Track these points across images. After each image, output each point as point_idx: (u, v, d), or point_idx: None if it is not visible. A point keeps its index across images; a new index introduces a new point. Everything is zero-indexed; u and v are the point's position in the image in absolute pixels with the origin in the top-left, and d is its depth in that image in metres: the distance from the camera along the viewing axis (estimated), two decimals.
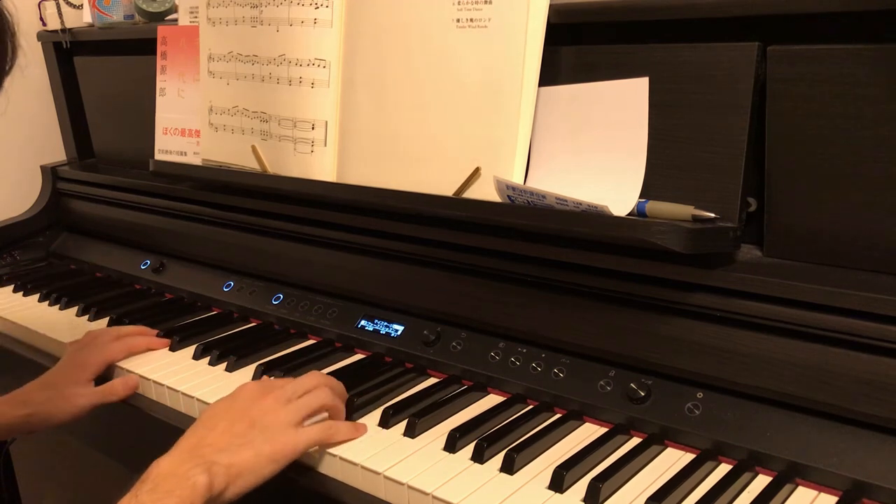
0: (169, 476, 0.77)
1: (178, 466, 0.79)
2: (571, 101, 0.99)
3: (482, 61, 1.02)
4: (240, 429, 0.85)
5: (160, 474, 0.78)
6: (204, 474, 0.77)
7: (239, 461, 0.81)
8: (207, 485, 0.77)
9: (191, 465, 0.78)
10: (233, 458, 0.81)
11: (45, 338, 1.28)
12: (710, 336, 0.86)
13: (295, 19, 1.19)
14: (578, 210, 0.90)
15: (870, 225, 0.83)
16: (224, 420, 0.86)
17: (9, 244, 1.65)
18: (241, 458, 0.82)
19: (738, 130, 0.88)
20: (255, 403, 0.88)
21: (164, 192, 1.46)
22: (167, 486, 0.76)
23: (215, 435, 0.84)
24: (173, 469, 0.78)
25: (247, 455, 0.82)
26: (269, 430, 0.85)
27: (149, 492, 0.76)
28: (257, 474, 0.82)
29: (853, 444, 0.78)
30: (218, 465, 0.79)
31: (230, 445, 0.83)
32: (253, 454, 0.82)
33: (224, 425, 0.85)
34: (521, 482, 0.82)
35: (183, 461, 0.80)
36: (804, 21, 0.83)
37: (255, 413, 0.86)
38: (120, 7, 1.58)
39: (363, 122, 1.15)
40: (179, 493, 0.76)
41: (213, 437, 0.84)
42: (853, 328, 0.78)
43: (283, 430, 0.85)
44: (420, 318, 1.10)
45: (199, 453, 0.81)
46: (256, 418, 0.86)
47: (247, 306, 1.28)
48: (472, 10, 1.02)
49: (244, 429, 0.85)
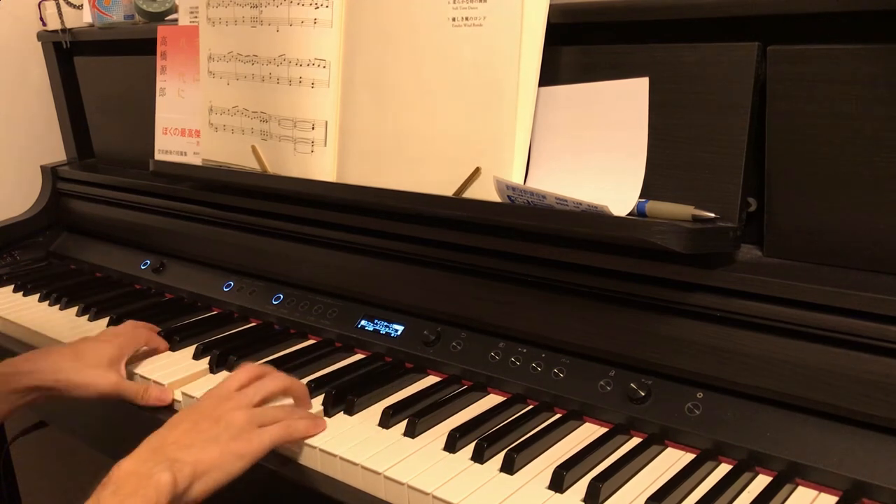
0: (131, 476, 0.76)
1: (139, 466, 0.77)
2: (571, 101, 0.99)
3: (478, 60, 1.02)
4: (204, 426, 0.84)
5: (121, 476, 0.76)
6: (167, 472, 0.76)
7: (206, 457, 0.80)
8: (171, 482, 0.75)
9: (153, 464, 0.77)
10: (199, 454, 0.80)
11: (44, 338, 1.28)
12: (710, 336, 0.86)
13: (295, 19, 1.19)
14: (578, 210, 0.90)
15: (870, 225, 0.83)
16: (187, 420, 0.85)
17: (9, 244, 1.65)
18: (207, 455, 0.81)
19: (738, 130, 0.88)
20: (219, 404, 0.88)
21: (164, 192, 1.46)
22: (130, 487, 0.75)
23: (178, 433, 0.83)
24: (135, 469, 0.77)
25: (213, 452, 0.81)
26: (235, 428, 0.84)
27: (111, 494, 0.74)
28: (225, 471, 0.81)
29: (853, 444, 0.78)
30: (181, 463, 0.78)
31: (195, 442, 0.82)
32: (219, 451, 0.82)
33: (187, 424, 0.84)
34: (521, 482, 0.82)
35: (145, 460, 0.78)
36: (804, 21, 0.83)
37: (219, 412, 0.86)
38: (120, 7, 1.58)
39: (363, 122, 1.15)
40: (143, 493, 0.74)
41: (176, 435, 0.83)
42: (853, 328, 0.78)
43: (248, 429, 0.85)
44: (420, 318, 1.10)
45: (161, 452, 0.80)
46: (221, 416, 0.85)
47: (247, 306, 1.28)
48: (466, 9, 1.02)
49: (209, 426, 0.84)
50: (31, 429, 1.60)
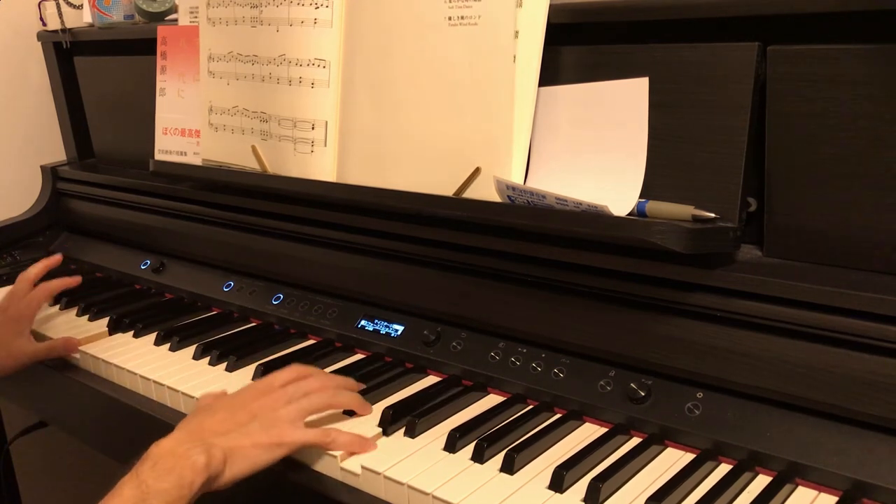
0: (168, 455, 0.80)
1: (177, 446, 0.81)
2: (571, 101, 0.99)
3: (474, 59, 1.02)
4: (240, 418, 0.87)
5: (160, 454, 0.80)
6: (203, 454, 0.80)
7: (237, 446, 0.84)
8: (206, 464, 0.79)
9: (190, 445, 0.81)
10: (231, 442, 0.84)
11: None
12: (710, 336, 0.86)
13: (295, 19, 1.19)
14: (578, 210, 0.90)
15: (870, 225, 0.83)
16: (225, 409, 0.89)
17: (9, 244, 1.65)
18: (238, 444, 0.84)
19: (738, 130, 0.88)
20: (257, 399, 0.90)
21: (164, 192, 1.46)
22: (167, 465, 0.79)
23: (215, 421, 0.87)
24: (173, 449, 0.81)
25: (245, 442, 0.85)
26: (268, 422, 0.87)
27: (149, 469, 0.78)
28: (253, 461, 0.84)
29: (853, 444, 0.78)
30: (216, 448, 0.82)
31: (229, 431, 0.85)
32: (250, 442, 0.85)
33: (224, 414, 0.88)
34: (521, 482, 0.82)
35: (182, 442, 0.82)
36: (804, 21, 0.83)
37: (255, 407, 0.89)
38: (120, 7, 1.58)
39: (363, 122, 1.15)
40: (179, 472, 0.78)
41: (213, 422, 0.86)
42: (853, 328, 0.78)
43: (282, 425, 0.88)
44: (420, 318, 1.10)
45: (198, 436, 0.84)
46: (257, 411, 0.88)
47: (247, 306, 1.28)
48: (461, 8, 1.02)
49: (244, 419, 0.87)
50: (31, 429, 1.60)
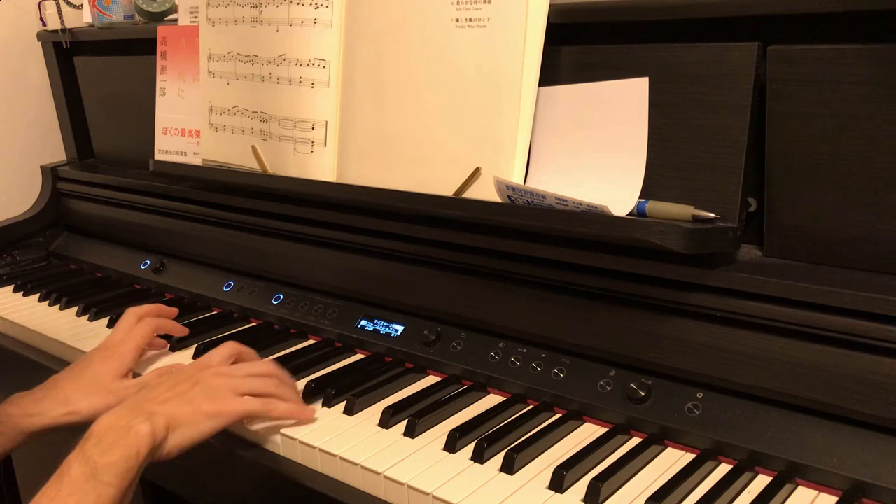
0: (111, 429, 0.80)
1: (119, 419, 0.81)
2: (571, 101, 0.99)
3: (481, 61, 1.02)
4: (182, 388, 0.89)
5: (102, 429, 0.80)
6: (146, 423, 0.80)
7: (179, 413, 0.85)
8: (150, 432, 0.80)
9: (132, 417, 0.81)
10: (172, 409, 0.85)
11: (44, 338, 1.28)
12: (710, 336, 0.86)
13: (295, 19, 1.19)
14: (578, 210, 0.90)
15: (870, 225, 0.83)
16: (167, 382, 0.90)
17: (9, 244, 1.65)
18: (180, 411, 0.85)
19: (738, 130, 0.88)
20: (199, 370, 0.92)
21: (164, 192, 1.46)
22: (111, 438, 0.79)
23: (156, 392, 0.88)
24: (115, 422, 0.81)
25: (186, 409, 0.86)
26: (210, 391, 0.89)
27: (94, 445, 0.78)
28: (197, 427, 0.86)
29: (853, 444, 0.78)
30: (158, 415, 0.83)
31: (170, 400, 0.86)
32: (192, 409, 0.86)
33: (166, 385, 0.89)
34: (521, 482, 0.82)
35: (124, 415, 0.82)
36: (804, 21, 0.83)
37: (198, 377, 0.90)
38: (120, 7, 1.58)
39: (363, 122, 1.15)
40: (124, 443, 0.78)
41: (154, 393, 0.87)
42: (853, 328, 0.78)
43: (224, 393, 0.89)
44: (420, 318, 1.10)
45: (140, 407, 0.84)
46: (199, 380, 0.90)
47: (247, 306, 1.28)
48: (471, 10, 1.02)
49: (186, 388, 0.89)
50: None
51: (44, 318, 1.35)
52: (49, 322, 1.33)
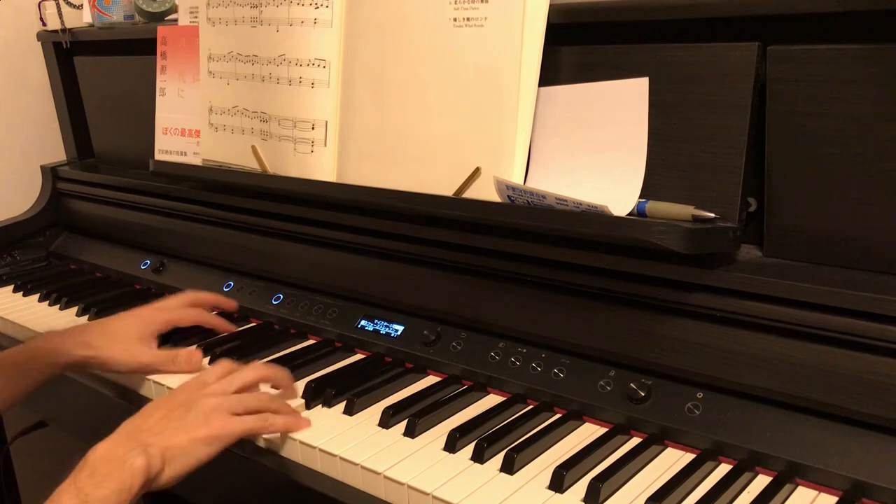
0: (106, 460, 0.79)
1: (114, 450, 0.80)
2: (571, 101, 0.99)
3: (480, 60, 1.02)
4: (176, 414, 0.87)
5: (97, 459, 0.79)
6: (141, 456, 0.79)
7: (174, 444, 0.84)
8: (145, 466, 0.79)
9: (127, 449, 0.80)
10: (168, 441, 0.84)
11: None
12: (710, 336, 0.86)
13: (295, 19, 1.19)
14: (578, 210, 0.90)
15: (870, 225, 0.83)
16: (161, 409, 0.89)
17: (9, 244, 1.65)
18: (176, 441, 0.84)
19: (738, 130, 0.88)
20: (193, 393, 0.91)
21: (164, 192, 1.46)
22: (105, 470, 0.78)
23: (152, 421, 0.86)
24: (110, 453, 0.80)
25: (182, 438, 0.85)
26: (203, 415, 0.87)
27: (87, 476, 0.77)
28: (192, 456, 0.85)
29: (853, 444, 0.78)
30: (154, 447, 0.82)
31: (165, 429, 0.85)
32: (188, 437, 0.85)
33: (161, 413, 0.88)
34: (521, 482, 0.82)
35: (119, 445, 0.81)
36: (804, 21, 0.83)
37: (192, 400, 0.89)
38: (120, 7, 1.58)
39: (363, 122, 1.15)
40: (118, 477, 0.77)
41: (150, 423, 0.86)
42: (853, 328, 0.78)
43: (218, 416, 0.88)
44: (420, 318, 1.10)
45: (135, 438, 0.83)
46: (193, 404, 0.89)
47: (247, 306, 1.28)
48: (468, 10, 1.02)
49: (180, 414, 0.87)
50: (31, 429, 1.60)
51: (44, 318, 1.35)
52: (49, 322, 1.33)
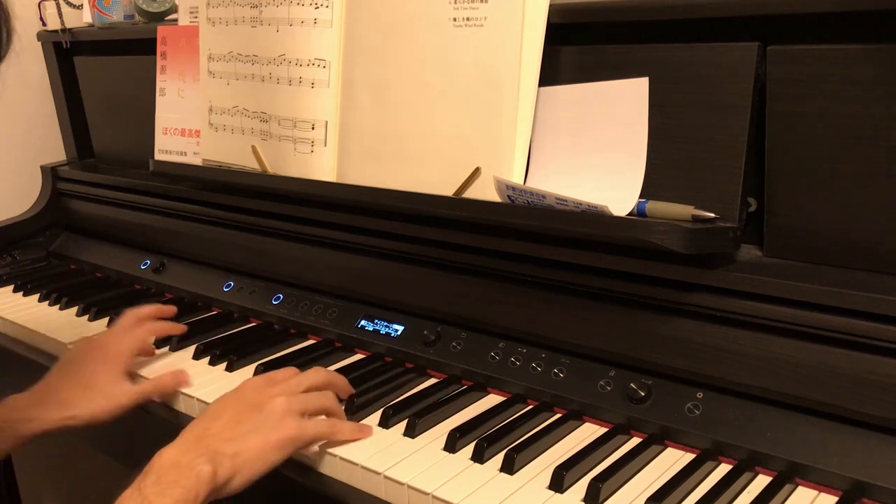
0: (172, 467, 0.77)
1: (181, 457, 0.78)
2: (571, 101, 0.99)
3: (479, 60, 1.02)
4: (245, 417, 0.84)
5: (163, 465, 0.77)
6: (208, 464, 0.77)
7: (245, 449, 0.81)
8: (212, 474, 0.76)
9: (195, 455, 0.78)
10: (238, 446, 0.81)
11: (45, 338, 1.28)
12: (710, 336, 0.86)
13: (295, 19, 1.19)
14: (578, 210, 0.90)
15: (870, 225, 0.83)
16: (230, 410, 0.85)
17: (9, 244, 1.65)
18: (247, 446, 0.81)
19: (738, 130, 0.88)
20: (261, 392, 0.87)
21: (164, 192, 1.46)
22: (171, 477, 0.75)
23: (220, 424, 0.83)
24: (177, 459, 0.77)
25: (253, 442, 0.82)
26: (275, 417, 0.84)
27: (152, 484, 0.75)
28: (264, 461, 0.82)
29: (853, 444, 0.78)
30: (222, 455, 0.79)
31: (235, 435, 0.82)
32: (260, 441, 0.82)
33: (229, 415, 0.84)
34: (521, 482, 0.82)
35: (186, 451, 0.79)
36: (804, 21, 0.83)
37: (261, 400, 0.86)
38: (120, 7, 1.58)
39: (363, 122, 1.15)
40: (184, 484, 0.75)
41: (218, 426, 0.83)
42: (853, 328, 0.78)
43: (289, 418, 0.85)
44: (420, 318, 1.10)
45: (203, 443, 0.80)
46: (262, 405, 0.85)
47: (247, 306, 1.28)
48: (468, 10, 1.02)
49: (250, 416, 0.84)
50: None
51: (44, 318, 1.34)
52: (49, 322, 1.33)
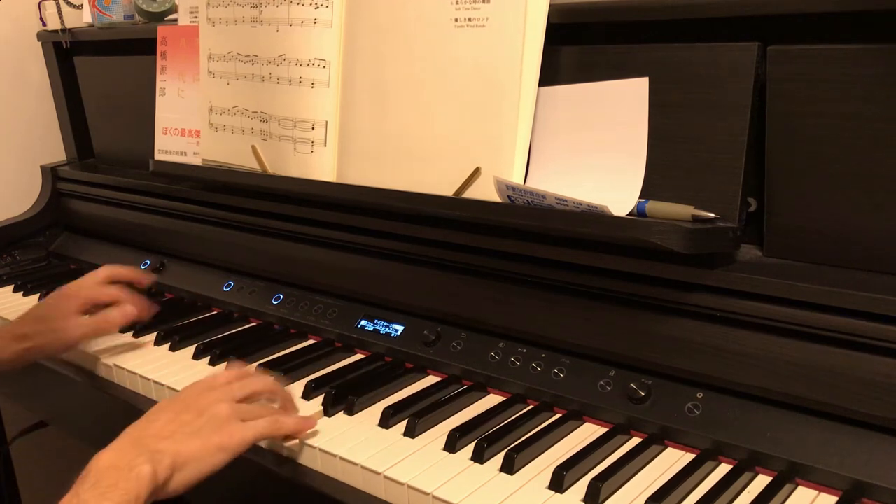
0: (111, 469, 0.75)
1: (119, 458, 0.76)
2: (571, 101, 0.99)
3: (481, 61, 1.02)
4: (186, 418, 0.83)
5: (101, 468, 0.75)
6: (147, 464, 0.75)
7: (186, 450, 0.79)
8: (151, 474, 0.75)
9: (133, 456, 0.76)
10: (179, 446, 0.79)
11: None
12: (710, 336, 0.86)
13: (295, 19, 1.19)
14: (578, 210, 0.90)
15: (870, 225, 0.83)
16: (168, 411, 0.84)
17: (9, 244, 1.65)
18: (188, 447, 0.80)
19: (738, 130, 0.88)
20: (201, 395, 0.87)
21: (164, 192, 1.46)
22: (110, 480, 0.74)
23: (159, 425, 0.82)
24: (115, 461, 0.76)
25: (195, 444, 0.80)
26: (217, 421, 0.84)
27: (91, 487, 0.74)
28: (206, 462, 0.80)
29: (853, 444, 0.78)
30: (162, 454, 0.78)
31: (175, 434, 0.81)
32: (201, 443, 0.81)
33: (168, 416, 0.84)
34: (521, 482, 0.82)
35: (125, 453, 0.77)
36: (804, 21, 0.83)
37: (202, 404, 0.85)
38: (120, 7, 1.58)
39: (363, 121, 1.15)
40: (123, 486, 0.73)
41: (157, 427, 0.82)
42: (853, 328, 0.78)
43: (231, 422, 0.84)
44: (420, 318, 1.10)
45: (141, 443, 0.79)
46: (204, 409, 0.85)
47: (247, 306, 1.28)
48: (470, 10, 1.02)
49: (191, 418, 0.83)
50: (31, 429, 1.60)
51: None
52: None
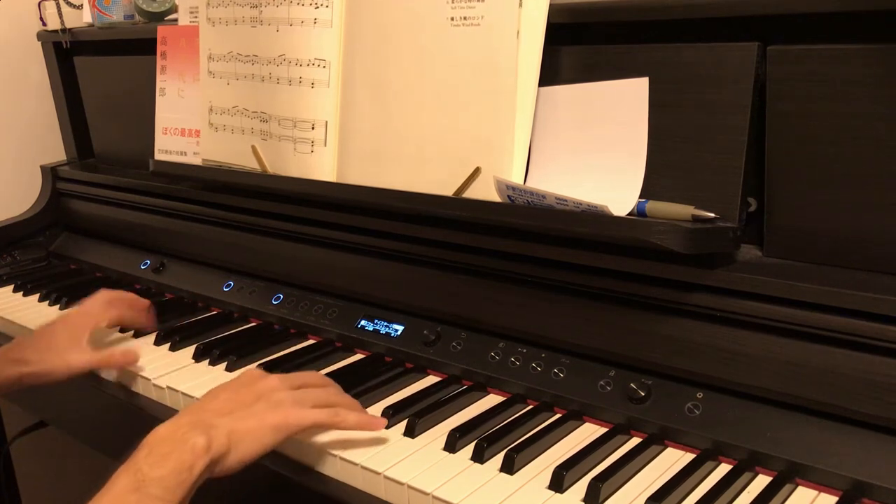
0: (166, 440, 0.76)
1: (175, 431, 0.78)
2: (571, 101, 0.99)
3: (477, 60, 1.02)
4: (245, 398, 0.84)
5: (157, 440, 0.77)
6: (202, 436, 0.76)
7: (242, 427, 0.81)
8: (206, 446, 0.76)
9: (189, 429, 0.78)
10: (236, 423, 0.80)
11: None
12: (710, 336, 0.86)
13: (295, 19, 1.19)
14: (578, 210, 0.90)
15: (870, 225, 0.83)
16: (227, 391, 0.86)
17: (9, 244, 1.65)
18: (244, 425, 0.81)
19: (738, 130, 0.88)
20: (261, 380, 0.88)
21: (164, 192, 1.46)
22: (164, 450, 0.75)
23: (218, 403, 0.84)
24: (171, 433, 0.77)
25: (251, 422, 0.81)
26: (274, 402, 0.84)
27: (145, 456, 0.75)
28: (260, 441, 0.81)
29: (853, 444, 0.78)
30: (218, 429, 0.79)
31: (234, 412, 0.82)
32: (257, 421, 0.82)
33: (227, 395, 0.85)
34: (521, 482, 0.82)
35: (181, 426, 0.78)
36: (804, 21, 0.83)
37: (260, 387, 0.86)
38: (120, 7, 1.58)
39: (363, 121, 1.15)
40: (177, 456, 0.75)
41: (216, 404, 0.83)
42: (853, 328, 0.78)
43: (287, 404, 0.85)
44: (420, 318, 1.10)
45: (199, 418, 0.80)
46: (262, 392, 0.85)
47: (247, 306, 1.28)
48: (464, 9, 1.02)
49: (250, 399, 0.84)
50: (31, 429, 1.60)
51: (44, 318, 1.34)
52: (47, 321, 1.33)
